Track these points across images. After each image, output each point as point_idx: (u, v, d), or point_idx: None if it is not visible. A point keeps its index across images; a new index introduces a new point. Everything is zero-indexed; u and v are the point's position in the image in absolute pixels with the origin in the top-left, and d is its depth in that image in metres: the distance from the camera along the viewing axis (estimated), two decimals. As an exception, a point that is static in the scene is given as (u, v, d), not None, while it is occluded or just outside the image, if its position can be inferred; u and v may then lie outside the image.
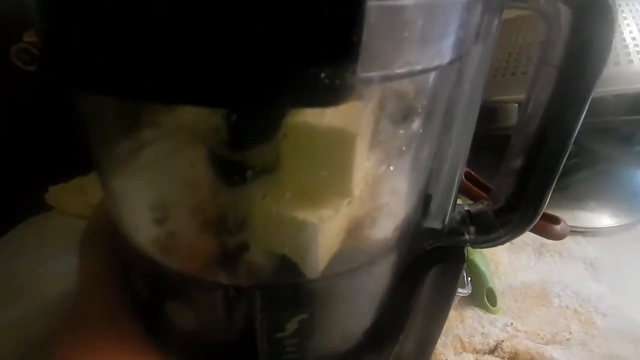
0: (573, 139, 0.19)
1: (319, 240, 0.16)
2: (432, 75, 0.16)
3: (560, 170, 0.20)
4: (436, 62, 0.14)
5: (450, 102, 0.18)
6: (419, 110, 0.17)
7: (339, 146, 0.15)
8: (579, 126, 0.19)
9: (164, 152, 0.18)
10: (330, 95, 0.11)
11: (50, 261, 0.34)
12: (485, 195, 0.27)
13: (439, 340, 0.36)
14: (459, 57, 0.15)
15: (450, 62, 0.15)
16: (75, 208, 0.41)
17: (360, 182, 0.17)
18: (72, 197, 0.42)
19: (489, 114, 0.42)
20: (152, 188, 0.19)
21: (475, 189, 0.39)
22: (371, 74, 0.12)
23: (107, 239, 0.24)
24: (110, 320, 0.21)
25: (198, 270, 0.19)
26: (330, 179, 0.16)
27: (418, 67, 0.13)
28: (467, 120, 0.20)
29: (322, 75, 0.10)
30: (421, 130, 0.18)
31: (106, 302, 0.22)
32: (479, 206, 0.24)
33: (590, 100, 0.18)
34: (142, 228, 0.20)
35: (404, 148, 0.18)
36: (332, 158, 0.15)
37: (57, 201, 0.43)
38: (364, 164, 0.16)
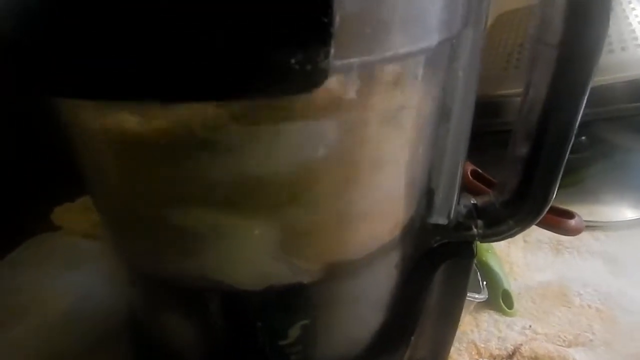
0: (578, 121, 0.18)
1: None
2: (421, 60, 0.15)
3: (567, 155, 0.19)
4: (422, 45, 0.13)
5: (445, 88, 0.17)
6: (412, 98, 0.16)
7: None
8: (583, 106, 0.18)
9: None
10: (302, 82, 0.10)
11: (51, 279, 0.34)
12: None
13: (452, 348, 0.34)
14: (448, 40, 0.15)
15: (439, 45, 0.14)
16: (81, 227, 0.42)
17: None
18: (78, 217, 0.43)
19: (493, 109, 0.41)
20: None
21: (483, 187, 0.37)
22: (349, 60, 0.12)
23: None
24: None
25: (195, 278, 0.18)
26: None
27: (402, 51, 0.13)
28: (464, 108, 0.19)
29: (293, 61, 0.10)
30: (416, 118, 0.17)
31: None
32: (485, 199, 0.23)
33: (593, 78, 0.18)
34: (139, 241, 0.19)
35: (399, 137, 0.17)
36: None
37: (64, 221, 0.43)
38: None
